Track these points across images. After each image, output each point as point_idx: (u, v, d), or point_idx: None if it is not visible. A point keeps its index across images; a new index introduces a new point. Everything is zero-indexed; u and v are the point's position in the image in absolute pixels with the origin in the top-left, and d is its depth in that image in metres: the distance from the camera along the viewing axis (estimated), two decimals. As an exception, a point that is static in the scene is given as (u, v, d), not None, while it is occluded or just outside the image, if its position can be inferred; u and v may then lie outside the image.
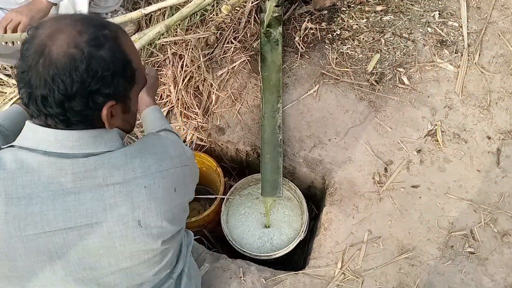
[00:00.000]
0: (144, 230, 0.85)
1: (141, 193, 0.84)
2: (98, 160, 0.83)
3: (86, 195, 0.81)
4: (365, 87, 1.96)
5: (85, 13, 0.86)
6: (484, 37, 2.09)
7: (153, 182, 0.86)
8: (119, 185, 0.83)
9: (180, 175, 0.92)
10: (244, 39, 2.10)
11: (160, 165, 0.88)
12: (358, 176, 1.76)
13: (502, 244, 1.60)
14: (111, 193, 0.83)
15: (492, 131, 1.84)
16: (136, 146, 0.89)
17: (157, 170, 0.87)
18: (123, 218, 0.83)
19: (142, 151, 0.88)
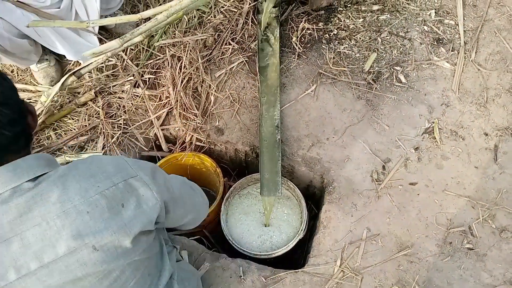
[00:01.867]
0: (102, 252, 0.84)
1: (85, 219, 0.82)
2: (29, 200, 0.80)
3: (29, 238, 0.79)
4: (362, 86, 1.98)
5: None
6: (480, 34, 2.10)
7: (95, 206, 0.83)
8: (60, 219, 0.81)
9: (124, 190, 0.88)
10: (242, 40, 2.12)
11: (99, 187, 0.85)
12: (356, 174, 1.77)
13: (501, 240, 1.61)
14: (55, 229, 0.80)
15: (489, 128, 1.85)
16: (69, 174, 0.85)
17: (96, 192, 0.84)
18: (75, 249, 0.81)
19: (76, 177, 0.85)
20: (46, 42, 1.80)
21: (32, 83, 2.06)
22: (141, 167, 0.95)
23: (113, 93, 2.02)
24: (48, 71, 2.00)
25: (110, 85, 2.03)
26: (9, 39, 1.67)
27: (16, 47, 1.73)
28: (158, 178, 0.97)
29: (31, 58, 1.88)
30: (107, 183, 0.87)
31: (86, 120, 1.95)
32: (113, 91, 2.02)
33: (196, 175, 2.09)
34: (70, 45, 1.87)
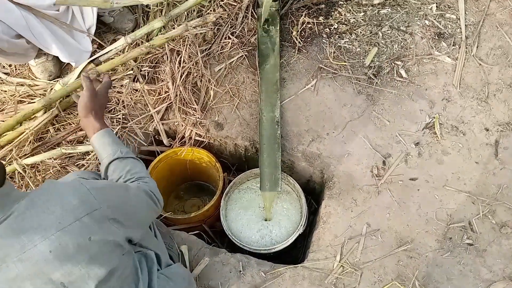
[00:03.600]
0: None
1: (49, 259, 0.78)
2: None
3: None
4: (363, 80, 1.96)
5: None
6: (482, 29, 2.08)
7: (58, 244, 0.79)
8: (21, 261, 0.77)
9: (90, 224, 0.84)
10: (241, 35, 2.10)
11: (60, 223, 0.80)
12: (356, 169, 1.77)
13: (501, 235, 1.61)
14: (17, 271, 0.77)
15: (490, 123, 1.84)
16: (25, 214, 0.80)
17: (58, 229, 0.80)
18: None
19: (34, 217, 0.79)
20: (40, 44, 1.81)
21: (30, 77, 2.05)
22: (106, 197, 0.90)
23: (111, 88, 2.01)
24: (46, 66, 1.98)
25: (109, 79, 2.01)
26: (7, 41, 1.69)
27: (13, 47, 1.75)
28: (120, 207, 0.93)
29: (29, 54, 1.88)
30: (70, 218, 0.82)
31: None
32: (112, 86, 2.01)
33: (195, 170, 2.09)
34: (65, 47, 1.88)
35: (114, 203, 0.92)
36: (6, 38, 1.67)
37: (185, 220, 1.81)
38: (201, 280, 1.53)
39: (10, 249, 0.77)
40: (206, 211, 1.79)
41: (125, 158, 1.18)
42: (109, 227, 0.88)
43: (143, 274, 1.11)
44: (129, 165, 1.17)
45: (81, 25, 1.93)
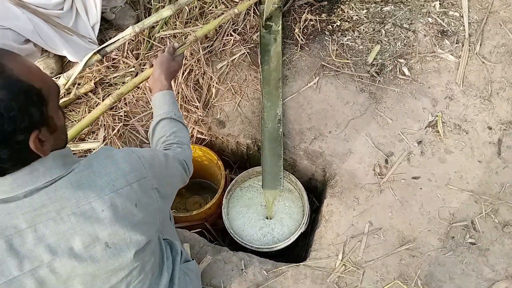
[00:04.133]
0: (114, 250, 0.85)
1: (100, 217, 0.83)
2: (43, 196, 0.80)
3: (44, 231, 0.80)
4: (365, 78, 1.96)
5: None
6: (485, 26, 2.07)
7: (110, 204, 0.84)
8: (74, 215, 0.81)
9: (138, 190, 0.89)
10: (243, 32, 2.09)
11: (114, 185, 0.85)
12: (358, 168, 1.76)
13: (503, 234, 1.60)
14: (69, 225, 0.81)
15: (493, 122, 1.84)
16: (83, 172, 0.85)
17: (111, 190, 0.85)
18: (89, 245, 0.83)
19: (91, 176, 0.85)
20: (48, 46, 1.83)
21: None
22: (152, 166, 0.95)
23: (113, 85, 2.00)
24: (48, 63, 1.98)
25: (111, 76, 2.01)
26: (18, 48, 1.70)
27: (22, 53, 1.76)
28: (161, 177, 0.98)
29: (35, 55, 1.89)
30: (122, 182, 0.87)
31: (87, 112, 1.94)
32: (114, 83, 2.00)
33: (197, 168, 2.07)
34: (72, 47, 1.89)
35: (158, 173, 0.96)
36: (16, 46, 1.68)
37: (187, 218, 1.81)
38: (203, 278, 1.53)
39: (67, 202, 0.81)
40: (208, 209, 1.79)
41: (176, 120, 1.25)
42: (152, 197, 0.93)
43: (168, 261, 1.15)
44: (176, 128, 1.24)
45: (86, 23, 1.92)
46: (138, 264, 0.92)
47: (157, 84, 1.32)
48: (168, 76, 1.33)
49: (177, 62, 1.41)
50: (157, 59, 1.39)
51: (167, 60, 1.37)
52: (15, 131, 0.73)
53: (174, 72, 1.39)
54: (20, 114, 0.73)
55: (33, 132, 0.76)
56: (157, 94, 1.31)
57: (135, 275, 0.93)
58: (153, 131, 1.27)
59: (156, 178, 0.95)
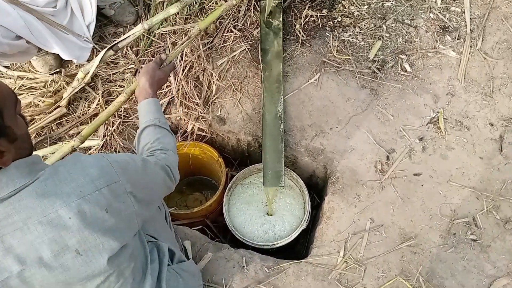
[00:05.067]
0: (85, 257, 0.84)
1: (68, 224, 0.81)
2: (7, 206, 0.79)
3: (11, 242, 0.79)
4: (366, 74, 1.95)
5: None
6: (487, 22, 2.06)
7: (77, 211, 0.82)
8: (41, 224, 0.80)
9: (108, 195, 0.86)
10: (244, 28, 2.08)
11: (81, 191, 0.83)
12: (360, 164, 1.76)
13: (505, 231, 1.60)
14: (36, 234, 0.80)
15: (495, 118, 1.83)
16: (47, 180, 0.83)
17: (78, 197, 0.83)
18: (58, 253, 0.81)
19: (56, 183, 0.83)
20: (41, 43, 1.79)
21: (30, 71, 2.03)
22: (124, 170, 0.92)
23: (113, 81, 1.99)
24: (46, 59, 1.96)
25: (110, 72, 1.99)
26: (8, 44, 1.67)
27: (14, 49, 1.74)
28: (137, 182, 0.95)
29: (30, 52, 1.86)
30: (90, 187, 0.84)
31: (86, 108, 1.93)
32: (113, 79, 1.99)
33: (198, 165, 2.08)
34: (65, 44, 1.87)
35: (133, 178, 0.94)
36: (6, 42, 1.66)
37: (188, 215, 1.80)
38: (205, 275, 1.52)
39: (33, 211, 0.80)
40: (208, 206, 1.79)
41: (160, 127, 1.25)
42: (125, 201, 0.90)
43: (153, 264, 1.13)
44: (160, 134, 1.24)
45: (81, 22, 1.90)
46: (115, 270, 0.90)
47: (142, 93, 1.32)
48: (152, 85, 1.32)
49: (163, 72, 1.40)
50: (142, 69, 1.39)
51: (152, 69, 1.36)
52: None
53: (159, 80, 1.37)
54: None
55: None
56: (142, 103, 1.30)
57: (113, 280, 0.92)
58: (138, 140, 1.26)
59: (130, 183, 0.92)
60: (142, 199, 0.96)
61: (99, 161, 0.89)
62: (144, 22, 1.73)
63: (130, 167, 0.94)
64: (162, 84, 1.41)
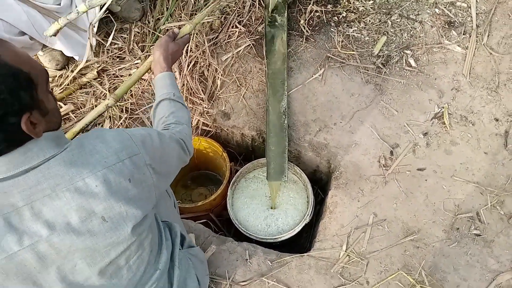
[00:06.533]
0: (111, 224, 0.87)
1: (94, 192, 0.85)
2: (37, 174, 0.82)
3: (40, 208, 0.82)
4: (371, 70, 1.95)
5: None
6: (493, 17, 2.04)
7: (103, 180, 0.85)
8: (69, 191, 0.83)
9: (130, 166, 0.90)
10: (248, 23, 2.09)
11: (106, 162, 0.87)
12: (363, 159, 1.76)
13: (509, 226, 1.60)
14: (64, 200, 0.83)
15: (500, 113, 1.82)
16: (74, 151, 0.87)
17: (103, 167, 0.86)
18: (85, 219, 0.85)
19: (82, 154, 0.87)
20: (44, 39, 1.81)
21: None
22: (144, 143, 0.96)
23: (119, 77, 2.01)
24: (53, 55, 1.99)
25: (117, 68, 2.02)
26: (10, 39, 1.69)
27: (17, 44, 1.74)
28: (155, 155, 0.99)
29: (35, 48, 1.89)
30: (114, 159, 0.89)
31: (94, 103, 1.95)
32: (120, 74, 2.01)
33: (202, 160, 2.10)
34: (68, 41, 1.90)
35: (151, 151, 0.97)
36: (8, 37, 1.67)
37: (192, 209, 1.82)
38: (208, 268, 1.54)
39: (61, 179, 0.83)
40: (213, 200, 1.80)
41: (175, 101, 1.27)
42: (145, 173, 0.94)
43: (167, 241, 1.17)
44: (175, 108, 1.26)
45: (85, 20, 1.92)
46: (136, 239, 0.94)
47: (156, 67, 1.35)
48: (166, 58, 1.35)
49: (177, 44, 1.41)
50: (156, 43, 1.42)
51: (165, 42, 1.38)
52: (6, 114, 0.76)
53: (173, 53, 1.39)
54: (10, 97, 0.75)
55: (24, 115, 0.78)
56: (157, 77, 1.33)
57: (134, 250, 0.96)
58: (154, 113, 1.30)
59: (149, 155, 0.95)
60: (160, 172, 1.00)
61: (120, 135, 0.93)
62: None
63: (148, 141, 0.98)
64: (177, 57, 1.43)
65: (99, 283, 0.92)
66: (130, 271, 0.98)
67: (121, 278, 0.97)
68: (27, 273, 0.84)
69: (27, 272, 0.84)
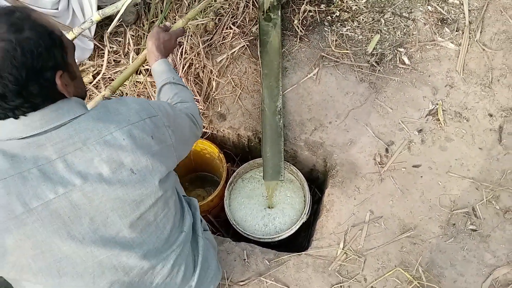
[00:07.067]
0: (139, 176, 0.93)
1: (122, 144, 0.91)
2: (68, 128, 0.88)
3: (73, 160, 0.87)
4: (365, 68, 1.96)
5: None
6: (485, 13, 2.06)
7: (129, 134, 0.92)
8: (99, 144, 0.89)
9: (151, 125, 0.97)
10: (243, 24, 2.10)
11: (129, 120, 0.94)
12: (359, 157, 1.77)
13: (504, 220, 1.61)
14: (95, 152, 0.88)
15: (494, 109, 1.83)
16: (100, 110, 0.94)
17: (128, 123, 0.93)
18: (116, 170, 0.90)
19: (107, 113, 0.94)
20: None
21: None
22: (160, 108, 1.03)
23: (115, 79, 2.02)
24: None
25: (112, 72, 2.03)
26: None
27: None
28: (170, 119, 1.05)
29: None
30: (136, 117, 0.96)
31: (89, 108, 1.96)
32: (115, 78, 2.02)
33: (199, 161, 2.10)
34: None
35: (166, 115, 1.04)
36: None
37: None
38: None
39: (90, 133, 0.89)
40: (210, 201, 1.81)
41: (175, 83, 1.33)
42: (164, 133, 1.01)
43: (188, 211, 1.22)
44: (177, 89, 1.31)
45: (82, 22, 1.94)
46: (162, 194, 0.98)
47: (150, 56, 1.39)
48: (159, 47, 1.38)
49: (168, 34, 1.45)
50: (148, 35, 1.47)
51: (156, 32, 1.43)
52: (42, 68, 0.83)
53: (165, 42, 1.42)
54: (47, 53, 0.83)
55: (57, 72, 0.86)
56: (153, 66, 1.38)
57: (161, 207, 1.00)
58: (158, 99, 1.34)
59: (166, 118, 1.02)
60: (177, 135, 1.06)
61: (139, 100, 1.02)
62: None
63: (162, 108, 1.05)
64: (169, 47, 1.46)
65: (129, 236, 0.96)
66: (158, 228, 1.02)
67: (150, 234, 1.00)
68: (62, 222, 0.87)
69: (62, 221, 0.87)
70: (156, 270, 1.04)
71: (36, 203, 0.84)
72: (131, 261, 0.97)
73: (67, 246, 0.89)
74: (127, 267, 0.97)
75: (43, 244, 0.86)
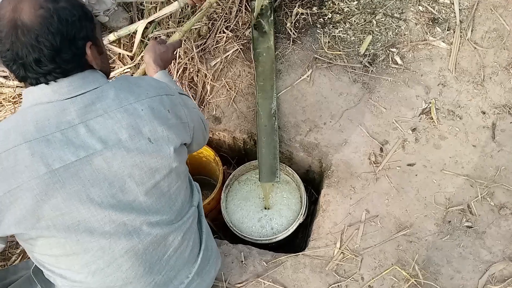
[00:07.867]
0: (156, 145, 0.98)
1: (141, 114, 0.96)
2: (92, 95, 0.94)
3: (94, 126, 0.92)
4: (358, 69, 1.97)
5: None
6: (476, 12, 2.08)
7: (147, 106, 0.98)
8: (119, 112, 0.94)
9: (167, 101, 1.03)
10: (236, 28, 2.11)
11: (148, 93, 1.00)
12: (354, 157, 1.78)
13: (499, 217, 1.62)
14: (116, 119, 0.94)
15: (487, 106, 1.85)
16: (122, 81, 1.00)
17: (146, 96, 0.99)
18: (134, 137, 0.95)
19: (128, 85, 1.00)
20: None
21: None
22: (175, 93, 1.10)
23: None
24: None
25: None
26: None
27: None
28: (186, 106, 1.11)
29: None
30: (154, 92, 1.02)
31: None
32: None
33: (195, 164, 2.11)
34: None
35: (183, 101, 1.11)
36: None
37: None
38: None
39: (111, 102, 0.95)
40: (207, 204, 1.81)
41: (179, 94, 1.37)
42: (181, 111, 1.07)
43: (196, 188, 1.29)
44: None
45: None
46: (176, 166, 1.03)
47: (149, 69, 1.42)
48: (156, 60, 1.41)
49: (165, 46, 1.48)
50: (145, 49, 1.51)
51: (152, 45, 1.46)
52: (75, 37, 0.90)
53: (162, 54, 1.45)
54: (79, 23, 0.90)
55: (88, 43, 0.93)
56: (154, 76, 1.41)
57: (174, 178, 1.05)
58: None
59: (182, 100, 1.09)
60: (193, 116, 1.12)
61: (155, 79, 1.09)
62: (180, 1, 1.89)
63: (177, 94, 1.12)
64: (166, 59, 1.48)
65: (145, 204, 1.00)
66: (171, 199, 1.06)
67: (164, 204, 1.04)
68: (82, 184, 0.91)
69: (82, 183, 0.91)
70: (168, 242, 1.08)
71: (58, 164, 0.88)
72: (145, 228, 1.01)
73: (86, 209, 0.92)
74: (142, 233, 1.01)
75: (63, 206, 0.90)
